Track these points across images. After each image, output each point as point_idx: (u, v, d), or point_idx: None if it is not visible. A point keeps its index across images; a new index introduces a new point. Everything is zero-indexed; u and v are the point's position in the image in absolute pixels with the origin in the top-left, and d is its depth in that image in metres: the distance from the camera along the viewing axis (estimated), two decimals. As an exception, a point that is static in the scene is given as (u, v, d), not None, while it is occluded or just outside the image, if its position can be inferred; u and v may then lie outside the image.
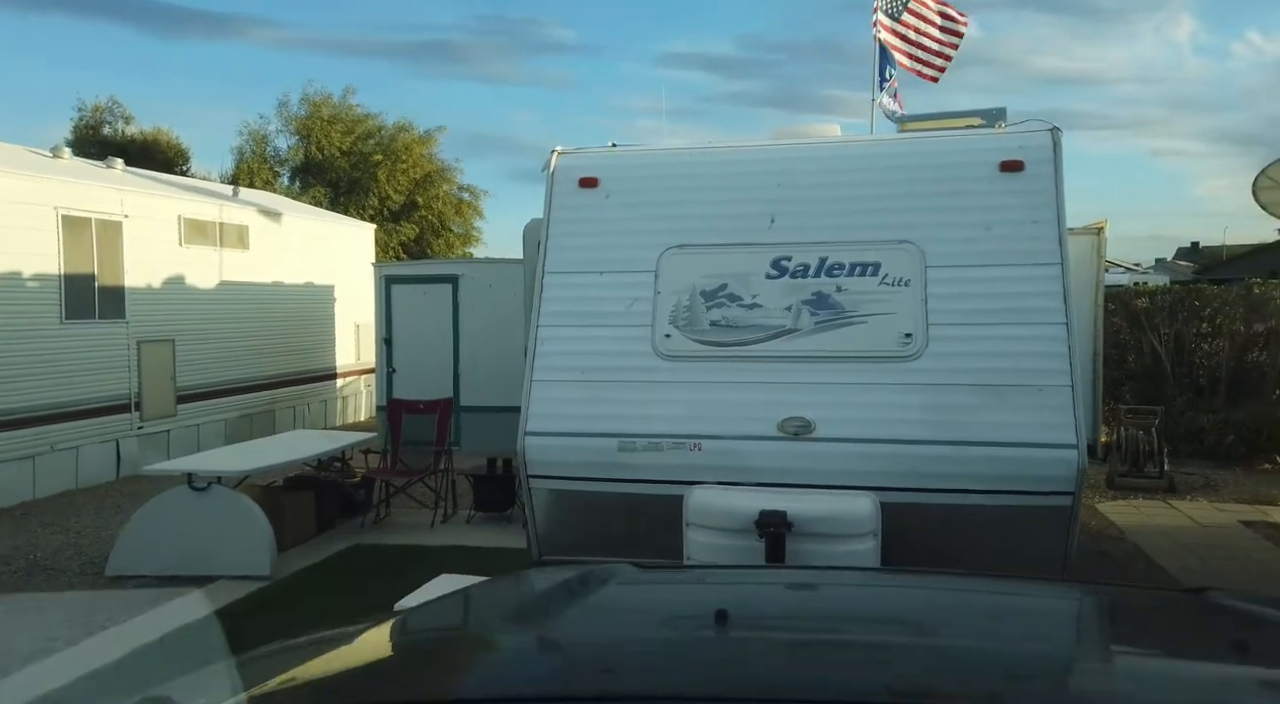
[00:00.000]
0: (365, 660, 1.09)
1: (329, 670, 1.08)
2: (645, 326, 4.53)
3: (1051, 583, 1.91)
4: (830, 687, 0.94)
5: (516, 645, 1.16)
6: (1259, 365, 10.13)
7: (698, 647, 1.12)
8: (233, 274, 11.58)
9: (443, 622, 1.16)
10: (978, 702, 0.90)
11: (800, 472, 4.14)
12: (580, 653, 1.15)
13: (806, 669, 1.04)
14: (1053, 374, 4.07)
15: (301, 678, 1.06)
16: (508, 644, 1.16)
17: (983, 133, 4.75)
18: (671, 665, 1.05)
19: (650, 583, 1.51)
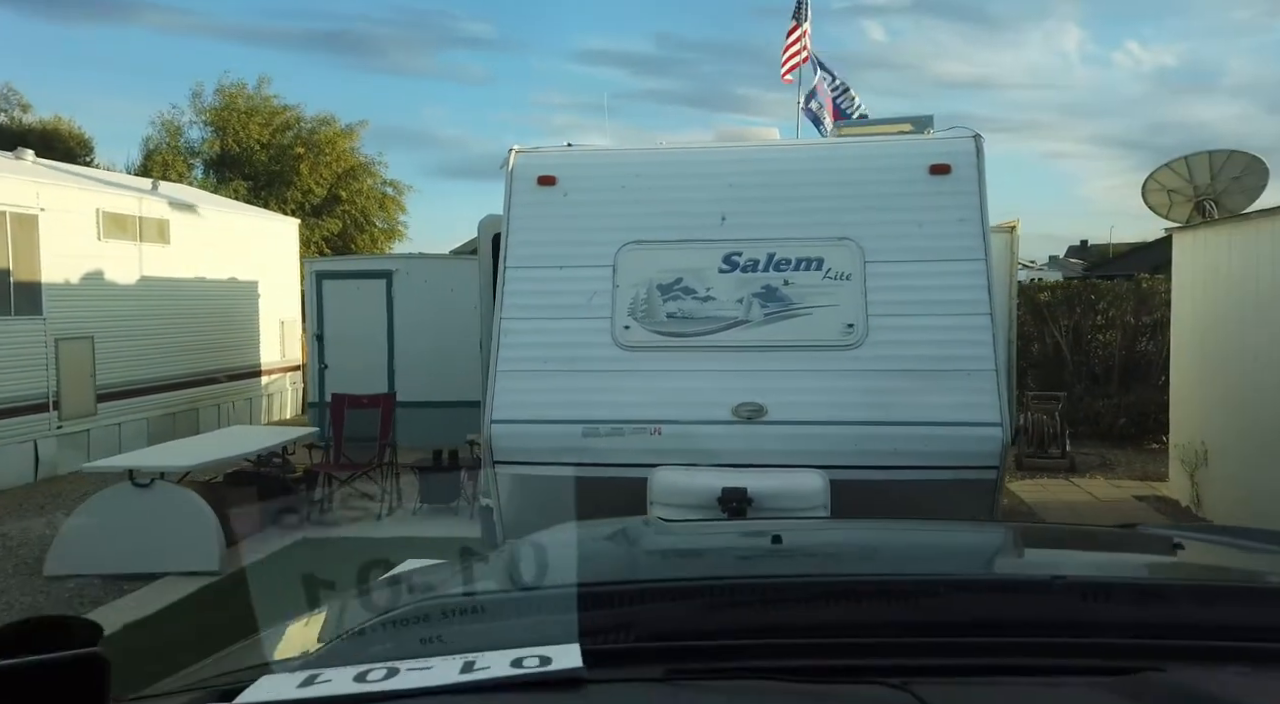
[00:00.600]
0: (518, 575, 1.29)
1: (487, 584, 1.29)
2: (605, 318, 4.76)
3: (1001, 523, 2.24)
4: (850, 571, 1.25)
5: (631, 553, 1.40)
6: (1147, 354, 11.01)
7: (766, 553, 1.39)
8: (154, 269, 11.26)
9: (546, 552, 1.38)
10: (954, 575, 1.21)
11: (754, 452, 4.44)
12: (688, 562, 1.40)
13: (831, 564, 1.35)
14: (979, 360, 4.48)
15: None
16: (626, 554, 1.40)
17: (913, 138, 5.15)
18: (759, 561, 1.34)
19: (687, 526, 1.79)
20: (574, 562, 1.30)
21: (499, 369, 4.74)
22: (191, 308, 11.93)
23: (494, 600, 1.14)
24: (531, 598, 1.09)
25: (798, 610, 0.98)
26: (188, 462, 6.73)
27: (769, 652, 0.84)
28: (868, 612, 0.96)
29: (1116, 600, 0.98)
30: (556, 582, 1.16)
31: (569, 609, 0.95)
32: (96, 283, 10.34)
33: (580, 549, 1.36)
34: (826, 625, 0.92)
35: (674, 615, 0.98)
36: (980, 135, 4.81)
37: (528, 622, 0.97)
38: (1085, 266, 28.53)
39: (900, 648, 0.82)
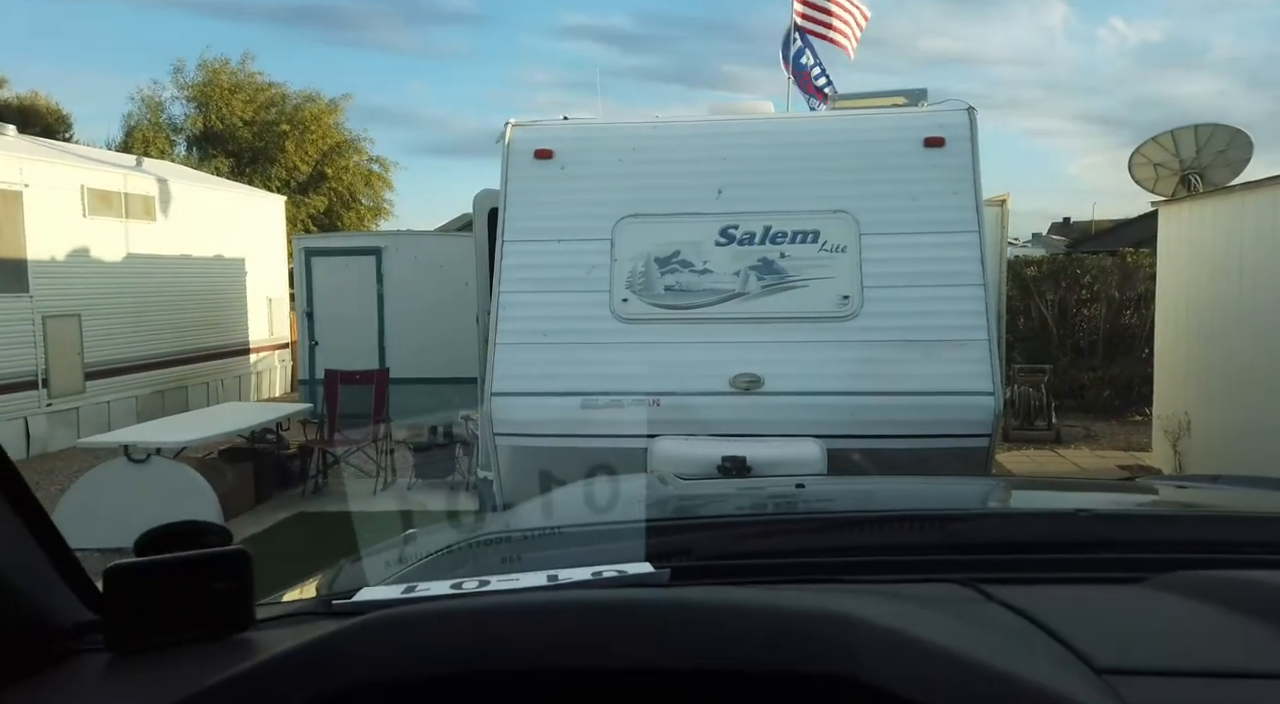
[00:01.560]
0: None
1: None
2: (603, 292, 4.80)
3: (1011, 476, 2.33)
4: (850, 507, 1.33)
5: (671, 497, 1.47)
6: (1131, 327, 11.16)
7: (799, 495, 1.45)
8: (140, 247, 11.17)
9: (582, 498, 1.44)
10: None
11: (751, 423, 4.51)
12: (730, 501, 1.47)
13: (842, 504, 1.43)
14: (972, 330, 4.56)
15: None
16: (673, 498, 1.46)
17: (908, 111, 5.18)
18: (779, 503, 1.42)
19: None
20: (621, 502, 1.36)
21: (498, 342, 4.78)
22: (179, 285, 11.86)
23: (558, 532, 1.19)
24: (594, 530, 1.14)
25: (850, 535, 1.04)
26: (183, 437, 6.74)
27: (834, 569, 0.90)
28: (918, 535, 1.02)
29: (1131, 525, 1.08)
30: (611, 518, 1.22)
31: (636, 537, 1.00)
32: (83, 260, 10.26)
33: (622, 493, 1.42)
34: (883, 546, 0.98)
35: (738, 542, 1.04)
36: (974, 108, 4.85)
37: (595, 548, 1.02)
38: (1068, 243, 28.73)
39: (957, 563, 0.88)
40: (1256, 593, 0.70)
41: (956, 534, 1.01)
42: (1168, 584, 0.76)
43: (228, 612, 0.78)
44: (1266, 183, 6.44)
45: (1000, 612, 0.68)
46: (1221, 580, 0.74)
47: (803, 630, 0.56)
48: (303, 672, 0.60)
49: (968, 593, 0.74)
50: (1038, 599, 0.70)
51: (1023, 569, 0.89)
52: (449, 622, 0.62)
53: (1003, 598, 0.70)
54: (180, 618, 0.76)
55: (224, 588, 0.78)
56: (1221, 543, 1.01)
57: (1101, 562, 0.92)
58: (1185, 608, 0.73)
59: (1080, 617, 0.68)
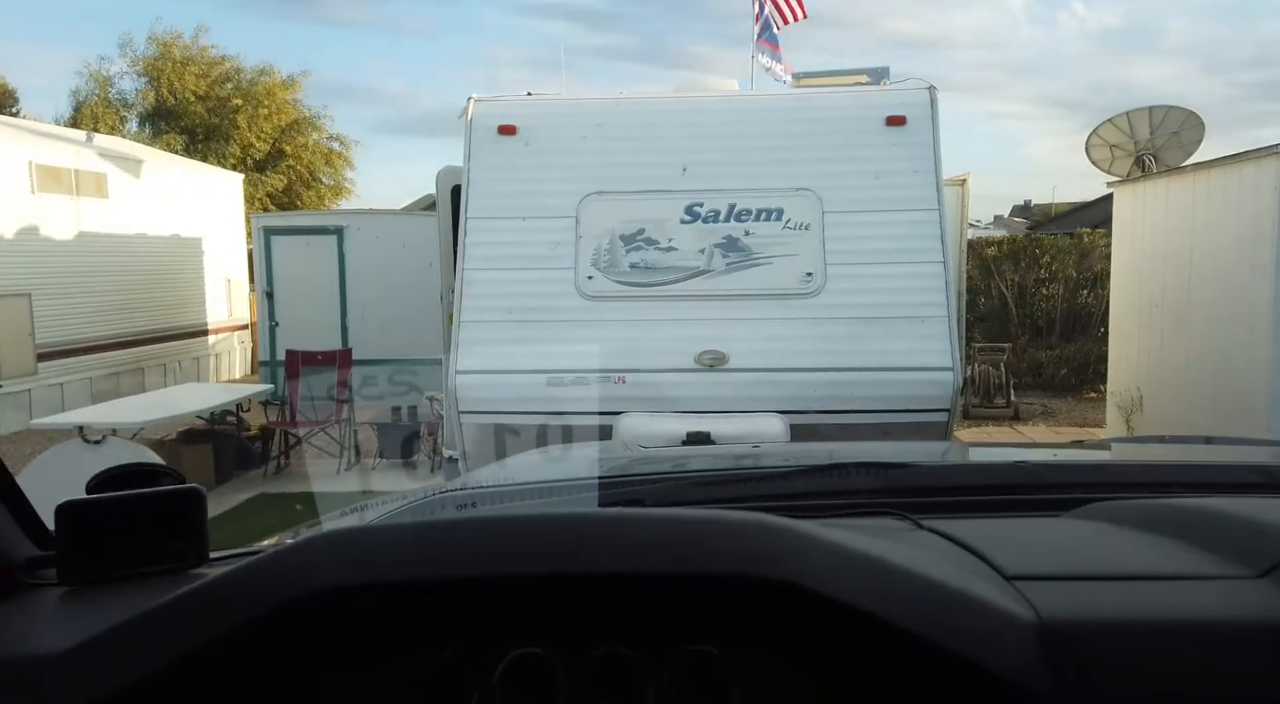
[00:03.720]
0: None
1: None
2: (568, 269, 4.78)
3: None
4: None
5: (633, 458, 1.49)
6: (1088, 306, 11.41)
7: (754, 453, 1.48)
8: (92, 225, 10.90)
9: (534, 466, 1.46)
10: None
11: (716, 399, 4.54)
12: (689, 460, 1.50)
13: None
14: (932, 307, 4.63)
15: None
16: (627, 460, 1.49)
17: (870, 89, 5.22)
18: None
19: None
20: (578, 462, 1.38)
21: (463, 319, 4.75)
22: (133, 265, 11.60)
23: (515, 487, 1.21)
24: (549, 485, 1.16)
25: (796, 482, 1.07)
26: (140, 418, 6.63)
27: (779, 513, 0.93)
28: (859, 480, 1.06)
29: (1059, 469, 1.15)
30: (567, 475, 1.24)
31: (590, 489, 1.03)
32: (32, 238, 9.99)
33: (581, 456, 1.44)
34: (825, 491, 1.02)
35: (686, 491, 1.07)
36: (934, 87, 4.90)
37: (550, 500, 1.04)
38: (1028, 226, 29.23)
39: (895, 504, 0.91)
40: (1156, 515, 0.76)
41: (895, 479, 1.06)
42: (1083, 513, 0.82)
43: (181, 549, 0.78)
44: (1216, 163, 6.60)
45: (928, 537, 0.72)
46: (1127, 507, 0.80)
47: (755, 538, 0.59)
48: (243, 588, 0.61)
49: (901, 523, 0.78)
50: (963, 527, 0.75)
51: (956, 510, 0.93)
52: (392, 535, 0.64)
53: (931, 526, 0.74)
54: (134, 555, 0.77)
55: (177, 526, 0.79)
56: (1142, 483, 1.07)
57: (1029, 501, 0.97)
58: (1093, 529, 0.79)
59: (999, 539, 0.73)
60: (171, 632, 0.61)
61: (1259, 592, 0.62)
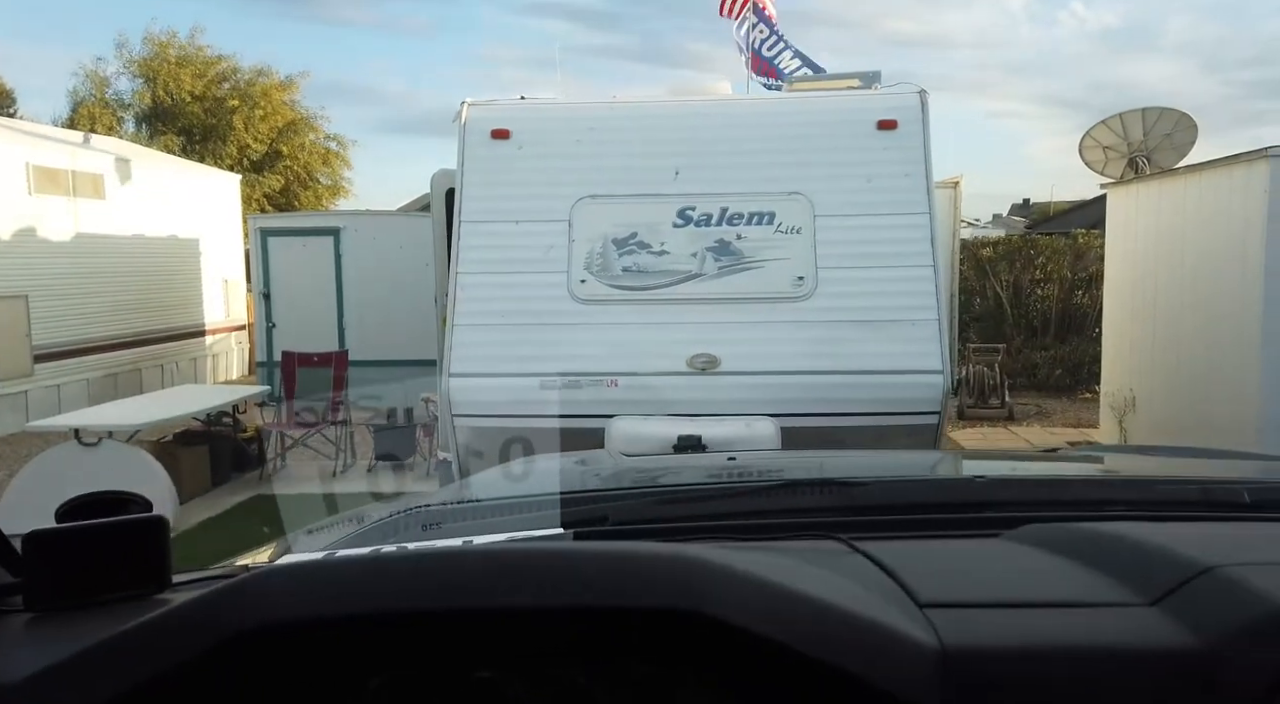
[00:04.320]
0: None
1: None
2: (561, 272, 4.81)
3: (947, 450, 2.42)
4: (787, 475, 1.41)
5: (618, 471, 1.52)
6: (1083, 307, 11.44)
7: (722, 467, 1.51)
8: (90, 226, 10.91)
9: (522, 476, 1.48)
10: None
11: (708, 402, 4.58)
12: (655, 476, 1.53)
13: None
14: (922, 310, 4.66)
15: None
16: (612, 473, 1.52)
17: (861, 93, 5.25)
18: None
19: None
20: (551, 477, 1.41)
21: (456, 323, 4.78)
22: (131, 266, 11.61)
23: (484, 503, 1.24)
24: (517, 501, 1.19)
25: (747, 501, 1.10)
26: (136, 420, 6.65)
27: (726, 531, 0.96)
28: (807, 500, 1.09)
29: (1006, 488, 1.18)
30: (537, 490, 1.27)
31: (553, 507, 1.06)
32: (29, 239, 10.00)
33: (558, 468, 1.47)
34: (774, 510, 1.05)
35: (641, 510, 1.10)
36: (925, 91, 4.93)
37: (516, 517, 1.07)
38: (1027, 224, 29.27)
39: (841, 524, 0.94)
40: (1076, 539, 0.78)
41: (841, 497, 1.09)
42: (1016, 536, 0.85)
43: (145, 575, 0.81)
44: (1208, 166, 6.63)
45: (858, 560, 0.75)
46: (1054, 531, 0.83)
47: (649, 570, 0.62)
48: (190, 622, 0.64)
49: (838, 547, 0.81)
50: (894, 550, 0.78)
51: (898, 529, 0.96)
52: (336, 570, 0.66)
53: (865, 550, 0.77)
54: (100, 581, 0.80)
55: (142, 553, 0.82)
56: (1084, 501, 1.10)
57: (970, 519, 1.00)
58: (1018, 553, 0.81)
59: (923, 563, 0.75)
60: (127, 660, 0.63)
61: (1147, 619, 0.64)
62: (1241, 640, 0.60)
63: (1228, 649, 0.60)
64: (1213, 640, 0.60)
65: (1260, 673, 0.58)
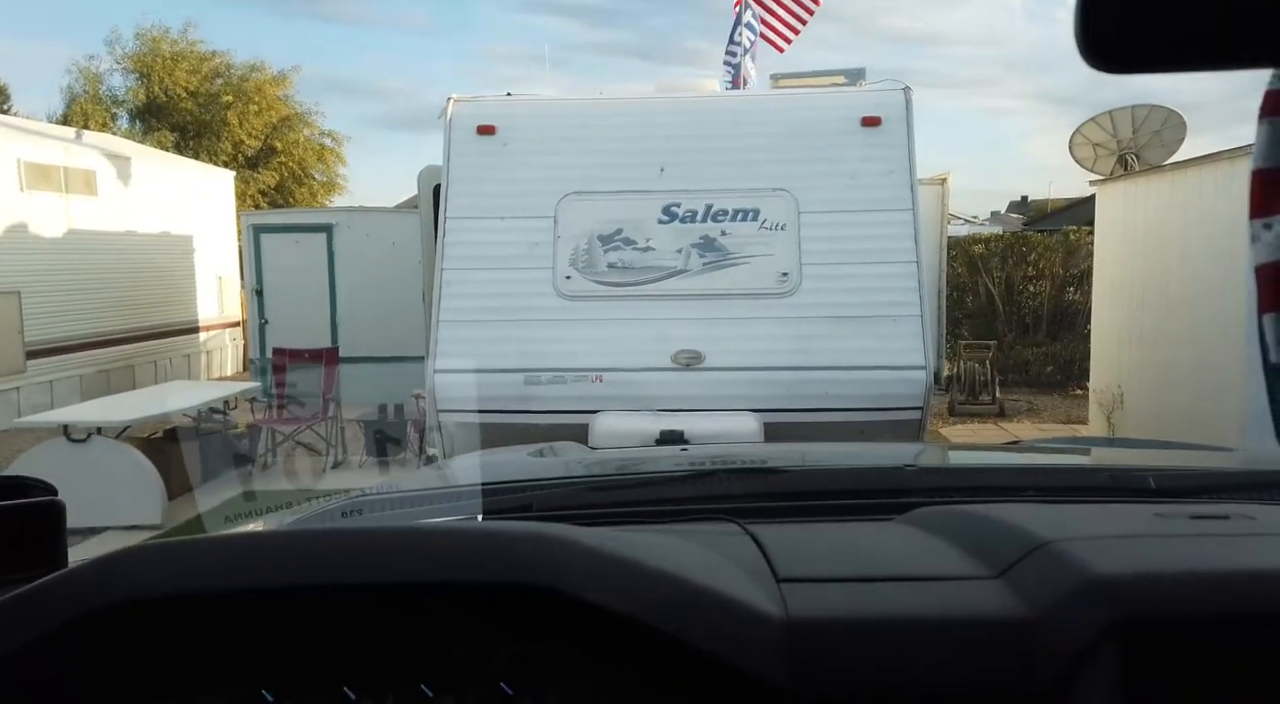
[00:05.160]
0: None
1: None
2: (546, 269, 4.83)
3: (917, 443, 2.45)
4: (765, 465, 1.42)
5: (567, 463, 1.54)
6: (1074, 303, 11.46)
7: (682, 454, 1.54)
8: (82, 222, 10.90)
9: (490, 466, 1.51)
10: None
11: (693, 398, 4.60)
12: (623, 463, 1.55)
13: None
14: (905, 306, 4.68)
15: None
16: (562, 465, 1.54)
17: (846, 90, 5.27)
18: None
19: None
20: (494, 468, 1.43)
21: (441, 319, 4.79)
22: (124, 263, 11.60)
23: (408, 495, 1.26)
24: (449, 491, 1.21)
25: (664, 489, 1.12)
26: (125, 416, 6.66)
27: (637, 517, 0.98)
28: (724, 486, 1.11)
29: (928, 474, 1.20)
30: (471, 480, 1.29)
31: (476, 497, 1.08)
32: (20, 236, 9.99)
33: (499, 461, 1.50)
34: (687, 498, 1.07)
35: (565, 498, 1.12)
36: (909, 88, 4.94)
37: (441, 506, 1.09)
38: (1024, 221, 29.27)
39: (750, 511, 0.96)
40: (948, 520, 0.80)
41: (755, 484, 1.11)
42: (907, 518, 0.87)
43: (39, 559, 0.82)
44: (1195, 162, 6.65)
45: (743, 542, 0.77)
46: (939, 513, 0.85)
47: (505, 547, 0.64)
48: (70, 589, 0.65)
49: (732, 529, 0.83)
50: (785, 534, 0.80)
51: (796, 515, 0.98)
52: (197, 547, 0.68)
53: (754, 532, 0.79)
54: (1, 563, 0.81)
55: (37, 538, 0.83)
56: (986, 488, 1.12)
57: (876, 506, 1.02)
58: (897, 534, 0.83)
59: (805, 545, 0.77)
60: (9, 626, 0.64)
61: (988, 591, 0.66)
62: (1059, 608, 0.62)
63: (1049, 617, 0.62)
64: (1038, 609, 0.63)
65: (1075, 637, 0.61)
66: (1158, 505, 0.92)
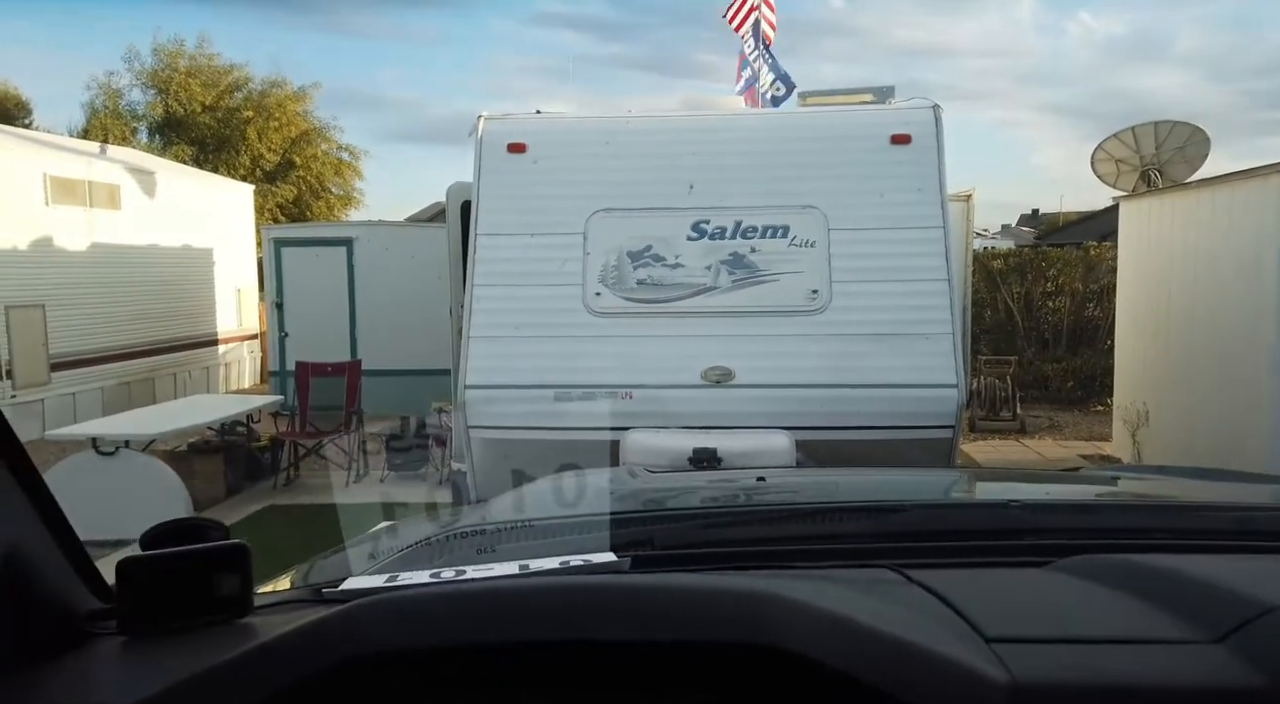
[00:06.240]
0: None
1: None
2: (576, 285, 4.84)
3: (968, 468, 2.43)
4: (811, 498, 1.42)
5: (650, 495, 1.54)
6: (1094, 319, 11.41)
7: (756, 488, 1.53)
8: (105, 236, 11.01)
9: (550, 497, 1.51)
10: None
11: (722, 415, 4.59)
12: (690, 496, 1.54)
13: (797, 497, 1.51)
14: (936, 324, 4.67)
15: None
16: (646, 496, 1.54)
17: (875, 108, 5.28)
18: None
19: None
20: (589, 497, 1.43)
21: (471, 335, 4.81)
22: (145, 276, 11.71)
23: (529, 525, 1.26)
24: (562, 523, 1.21)
25: (792, 526, 1.12)
26: (152, 430, 6.70)
27: (773, 557, 0.97)
28: (855, 525, 1.11)
29: (1050, 514, 1.19)
30: (579, 511, 1.29)
31: (601, 528, 1.08)
32: (46, 249, 10.10)
33: (591, 486, 1.49)
34: (823, 536, 1.06)
35: (691, 533, 1.12)
36: (939, 106, 4.95)
37: (564, 539, 1.09)
38: (1036, 234, 29.20)
39: (889, 550, 0.96)
40: (1132, 572, 0.80)
41: (889, 523, 1.11)
42: (1068, 567, 0.86)
43: (230, 600, 0.84)
44: (1221, 180, 6.63)
45: (916, 592, 0.76)
46: (1111, 563, 0.84)
47: (728, 607, 0.64)
48: (299, 650, 0.66)
49: (892, 576, 0.82)
50: (951, 581, 0.79)
51: (947, 555, 0.97)
52: (431, 603, 0.69)
53: (920, 580, 0.79)
54: (187, 606, 0.82)
55: (227, 579, 0.84)
56: (1128, 529, 1.11)
57: (1019, 547, 1.01)
58: (1073, 587, 0.82)
59: (983, 596, 0.77)
60: (228, 689, 0.65)
61: (1213, 657, 0.65)
62: None
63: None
64: (1274, 678, 0.61)
65: None
66: None
